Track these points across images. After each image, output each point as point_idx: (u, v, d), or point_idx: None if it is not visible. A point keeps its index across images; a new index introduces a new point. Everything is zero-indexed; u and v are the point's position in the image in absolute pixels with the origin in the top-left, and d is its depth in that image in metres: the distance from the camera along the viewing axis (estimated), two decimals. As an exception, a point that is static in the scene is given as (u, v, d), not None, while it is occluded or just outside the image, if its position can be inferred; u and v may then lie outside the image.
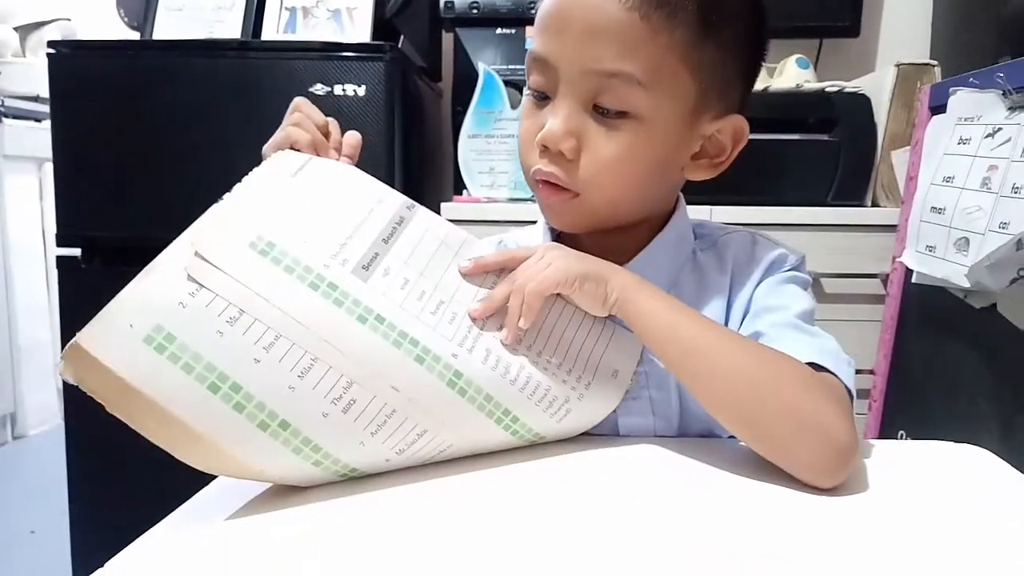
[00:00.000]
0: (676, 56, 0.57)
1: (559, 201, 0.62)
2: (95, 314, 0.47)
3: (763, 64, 0.67)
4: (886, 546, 0.43)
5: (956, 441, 0.60)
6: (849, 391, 0.55)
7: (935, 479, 0.54)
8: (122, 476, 1.43)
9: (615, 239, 0.65)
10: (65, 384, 1.70)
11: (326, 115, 0.67)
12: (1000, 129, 1.05)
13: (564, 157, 0.59)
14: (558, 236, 0.69)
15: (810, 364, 0.55)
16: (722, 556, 0.42)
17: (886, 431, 1.35)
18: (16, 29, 2.51)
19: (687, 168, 0.65)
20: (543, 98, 0.61)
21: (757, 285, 0.65)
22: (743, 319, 0.65)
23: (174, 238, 0.52)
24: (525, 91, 0.64)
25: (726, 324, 0.65)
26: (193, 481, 0.54)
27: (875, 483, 0.52)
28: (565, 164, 0.60)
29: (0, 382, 2.29)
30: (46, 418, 2.38)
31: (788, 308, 0.62)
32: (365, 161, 1.51)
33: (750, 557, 0.42)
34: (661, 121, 0.59)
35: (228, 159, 1.45)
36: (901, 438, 1.29)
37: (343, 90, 1.37)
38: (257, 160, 0.66)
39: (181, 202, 1.43)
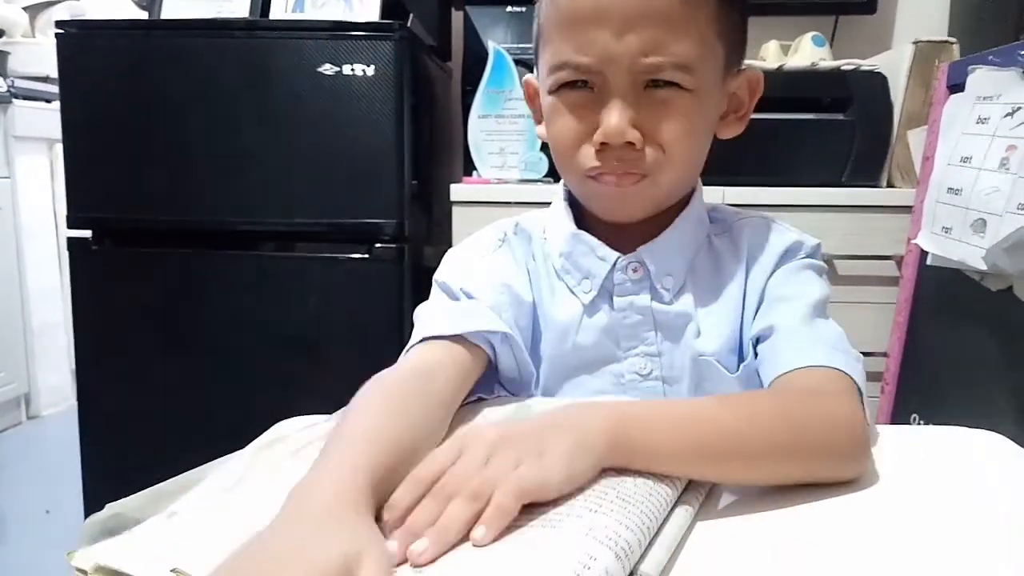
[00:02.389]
0: (712, 26, 0.59)
1: (632, 183, 0.61)
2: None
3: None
4: (902, 532, 0.42)
5: (971, 426, 0.59)
6: (859, 388, 0.55)
7: (950, 465, 0.53)
8: (135, 455, 1.45)
9: (635, 224, 0.65)
10: (78, 365, 1.71)
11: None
12: (1020, 108, 1.03)
13: (631, 147, 0.59)
14: (578, 222, 0.68)
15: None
16: (744, 541, 0.41)
17: (899, 415, 1.34)
18: (25, 9, 2.51)
19: (719, 129, 0.66)
20: (581, 87, 0.60)
21: (772, 273, 0.65)
22: (757, 307, 0.64)
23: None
24: (549, 92, 0.62)
25: (741, 311, 0.65)
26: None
27: (890, 469, 0.51)
28: (633, 153, 0.59)
29: (14, 363, 2.31)
30: (60, 398, 2.40)
31: (802, 298, 0.62)
32: (374, 142, 1.51)
33: (769, 541, 0.41)
34: (708, 89, 0.60)
35: (237, 139, 1.46)
36: (914, 422, 1.28)
37: (352, 70, 1.36)
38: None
39: (190, 183, 1.44)
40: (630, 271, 0.65)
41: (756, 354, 0.63)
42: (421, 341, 0.60)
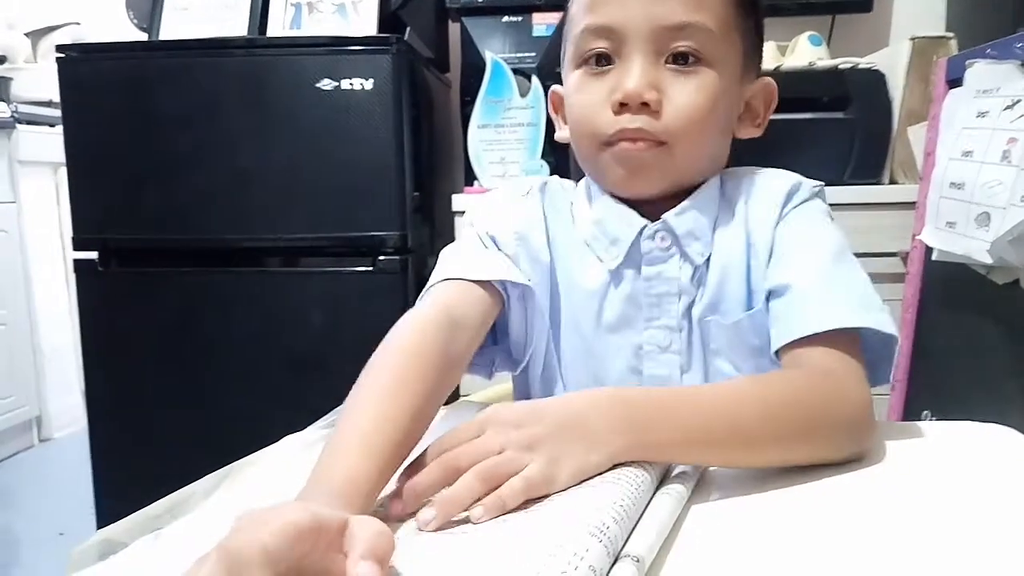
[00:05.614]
0: (732, 15, 0.62)
1: (647, 148, 0.61)
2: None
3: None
4: (914, 527, 0.42)
5: (982, 420, 0.59)
6: (890, 335, 0.56)
7: (962, 460, 0.53)
8: (146, 476, 1.45)
9: (654, 206, 0.65)
10: (87, 386, 1.71)
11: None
12: (1019, 100, 1.03)
13: (648, 108, 0.60)
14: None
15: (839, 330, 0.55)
16: (741, 528, 0.41)
17: (910, 411, 1.33)
18: (27, 35, 2.53)
19: (736, 128, 0.67)
20: (604, 64, 0.62)
21: (779, 221, 0.64)
22: (769, 259, 0.63)
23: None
24: (573, 69, 0.65)
25: (747, 264, 0.64)
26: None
27: (902, 465, 0.51)
28: (650, 114, 0.60)
29: (25, 386, 2.32)
30: (71, 421, 2.41)
31: (816, 249, 0.62)
32: (374, 155, 1.51)
33: (767, 531, 0.41)
34: (727, 71, 0.62)
35: (238, 156, 1.46)
36: (925, 418, 1.28)
37: (350, 84, 1.36)
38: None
39: (194, 201, 1.45)
40: (658, 239, 0.64)
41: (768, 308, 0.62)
42: (444, 280, 0.62)
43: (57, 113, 1.53)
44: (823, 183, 0.67)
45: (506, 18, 1.62)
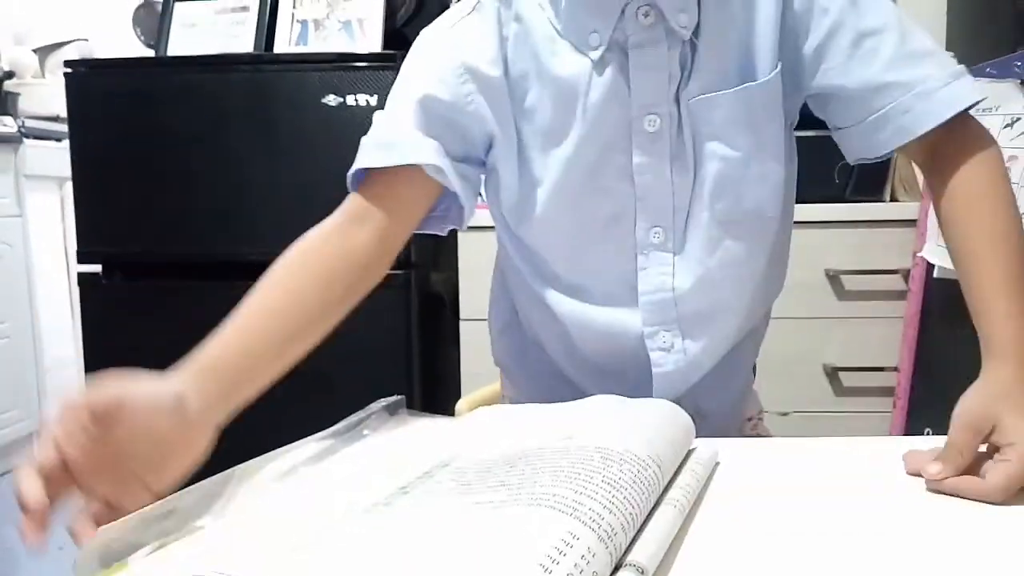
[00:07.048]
0: None
1: None
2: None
3: None
4: (915, 538, 0.42)
5: (983, 437, 0.59)
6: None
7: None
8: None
9: None
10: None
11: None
12: (1019, 119, 1.03)
13: None
14: None
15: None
16: (750, 552, 0.41)
17: (911, 429, 1.33)
18: (35, 51, 2.55)
19: None
20: None
21: None
22: (779, 17, 0.63)
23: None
24: None
25: (745, 36, 0.63)
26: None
27: (903, 480, 0.51)
28: None
29: (26, 400, 2.32)
30: (72, 434, 2.40)
31: (893, 28, 0.69)
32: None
33: (779, 553, 0.41)
34: None
35: (243, 171, 1.48)
36: (927, 435, 1.27)
37: (355, 100, 1.37)
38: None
39: (199, 215, 1.46)
40: (641, 16, 0.60)
41: (821, 100, 0.72)
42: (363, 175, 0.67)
43: (64, 128, 1.55)
44: None
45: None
